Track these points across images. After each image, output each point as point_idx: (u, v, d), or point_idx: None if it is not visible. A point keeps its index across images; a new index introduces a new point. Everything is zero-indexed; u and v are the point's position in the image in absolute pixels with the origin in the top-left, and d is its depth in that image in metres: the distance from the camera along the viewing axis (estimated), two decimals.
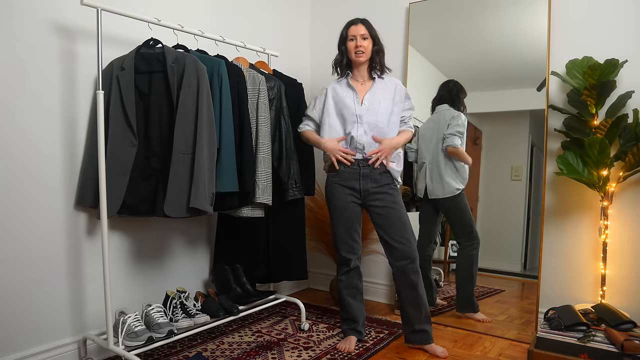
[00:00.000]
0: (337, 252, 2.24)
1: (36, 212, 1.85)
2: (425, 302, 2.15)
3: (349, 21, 2.18)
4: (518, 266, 2.56)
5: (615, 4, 2.23)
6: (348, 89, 2.20)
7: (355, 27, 2.13)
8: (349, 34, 2.15)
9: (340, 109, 2.18)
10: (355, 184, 2.14)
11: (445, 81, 2.68)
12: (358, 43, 2.12)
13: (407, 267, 2.10)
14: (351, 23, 2.16)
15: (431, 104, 2.71)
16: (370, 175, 2.13)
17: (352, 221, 2.19)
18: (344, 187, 2.16)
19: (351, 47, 2.14)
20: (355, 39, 2.13)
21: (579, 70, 2.21)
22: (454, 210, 2.60)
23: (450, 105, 2.62)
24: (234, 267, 2.41)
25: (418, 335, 2.16)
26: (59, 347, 1.92)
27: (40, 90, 1.85)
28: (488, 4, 2.57)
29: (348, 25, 2.17)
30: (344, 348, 2.16)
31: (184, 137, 1.91)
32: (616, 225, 2.23)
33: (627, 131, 2.09)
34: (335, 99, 2.20)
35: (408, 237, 2.12)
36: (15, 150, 1.78)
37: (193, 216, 2.03)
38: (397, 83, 2.25)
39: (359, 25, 2.14)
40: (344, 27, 2.19)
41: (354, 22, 2.16)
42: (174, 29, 2.06)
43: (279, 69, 2.71)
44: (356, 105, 2.15)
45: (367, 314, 2.67)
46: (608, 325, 1.98)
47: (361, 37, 2.12)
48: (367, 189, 2.14)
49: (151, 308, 1.99)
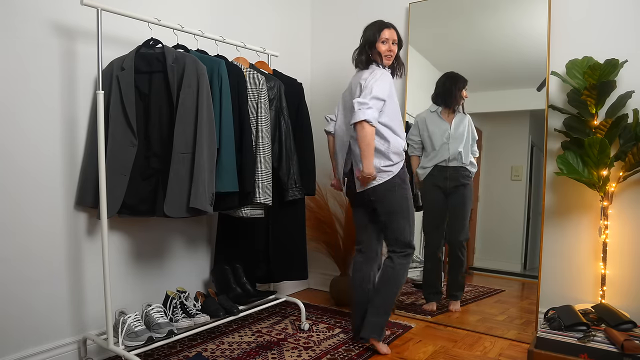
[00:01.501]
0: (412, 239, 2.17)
1: (36, 212, 1.85)
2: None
3: (381, 23, 2.17)
4: (518, 266, 2.56)
5: (615, 4, 2.23)
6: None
7: (389, 31, 2.15)
8: (382, 36, 2.14)
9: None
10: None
11: (443, 74, 2.68)
12: (390, 47, 2.15)
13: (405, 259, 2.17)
14: (384, 26, 2.16)
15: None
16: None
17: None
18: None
19: (384, 49, 2.15)
20: (387, 42, 2.15)
21: (579, 70, 2.21)
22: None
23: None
24: (234, 267, 2.41)
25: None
26: (59, 347, 1.92)
27: (40, 90, 1.85)
28: (488, 4, 2.57)
29: (381, 27, 2.15)
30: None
31: (184, 137, 1.91)
32: (616, 225, 2.23)
33: (627, 131, 2.09)
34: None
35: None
36: (15, 150, 1.78)
37: (193, 216, 2.03)
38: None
39: (392, 30, 2.16)
40: (374, 29, 2.16)
41: (387, 26, 2.16)
42: (174, 29, 2.06)
43: (279, 69, 2.72)
44: None
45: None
46: (608, 325, 1.98)
47: (392, 41, 2.16)
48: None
49: (151, 308, 1.99)
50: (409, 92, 2.82)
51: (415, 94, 2.82)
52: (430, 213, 2.72)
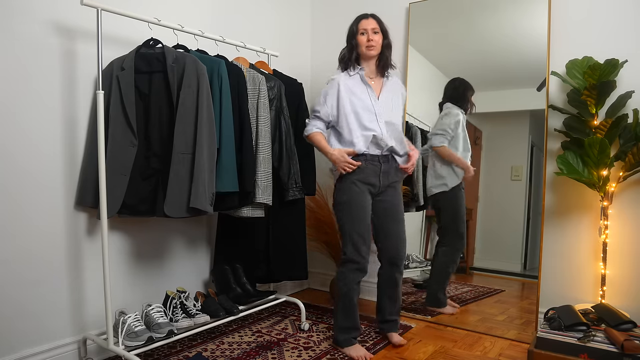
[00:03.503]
0: (355, 250, 2.10)
1: (36, 212, 1.85)
2: (400, 297, 2.29)
3: (359, 15, 2.16)
4: (518, 266, 2.56)
5: (616, 4, 2.23)
6: (362, 84, 2.14)
7: (366, 21, 2.11)
8: (359, 27, 2.11)
9: (355, 105, 2.11)
10: (376, 180, 2.14)
11: (452, 79, 2.67)
12: (370, 37, 2.09)
13: (394, 268, 2.20)
14: (362, 17, 2.14)
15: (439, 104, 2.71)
16: (388, 171, 2.16)
17: (369, 218, 2.16)
18: (364, 183, 2.12)
19: (362, 41, 2.11)
20: (366, 33, 2.10)
21: (579, 70, 2.21)
22: (443, 208, 2.64)
23: (455, 104, 2.62)
24: (234, 267, 2.41)
25: (388, 324, 2.29)
26: (59, 347, 1.92)
27: (40, 90, 1.85)
28: (488, 4, 2.57)
29: (358, 20, 2.14)
30: (361, 356, 2.08)
31: (184, 137, 1.91)
32: (616, 225, 2.23)
33: (627, 131, 2.09)
34: (349, 94, 2.12)
35: (402, 236, 2.20)
36: (15, 150, 1.78)
37: (193, 216, 2.03)
38: (400, 82, 2.29)
39: (369, 19, 2.12)
40: (353, 22, 2.16)
41: (365, 16, 2.14)
42: (174, 29, 2.06)
43: (279, 69, 2.71)
44: (373, 101, 2.13)
45: (367, 313, 2.67)
46: (608, 325, 1.98)
47: (372, 30, 2.10)
48: (385, 184, 2.17)
49: (151, 308, 1.99)
50: (409, 92, 2.81)
51: (416, 94, 2.82)
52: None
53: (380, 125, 2.11)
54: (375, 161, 2.12)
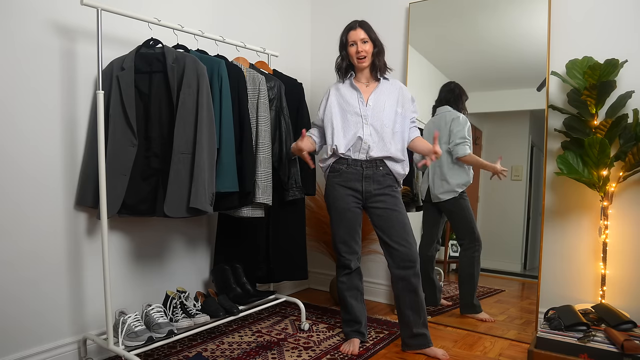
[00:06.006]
0: (338, 253, 2.22)
1: (36, 213, 1.85)
2: (424, 305, 2.13)
3: (348, 26, 2.15)
4: (518, 266, 2.56)
5: (616, 5, 2.23)
6: (352, 89, 2.18)
7: (354, 32, 2.11)
8: (349, 39, 2.13)
9: (344, 110, 2.15)
10: (358, 185, 2.13)
11: (447, 82, 2.67)
12: (359, 48, 2.10)
13: (409, 271, 2.08)
14: (350, 28, 2.14)
15: (432, 107, 2.70)
16: (373, 176, 2.12)
17: (354, 223, 2.17)
18: (345, 187, 2.14)
19: (352, 52, 2.12)
20: (355, 44, 2.11)
21: (579, 70, 2.21)
22: (456, 212, 2.60)
23: (452, 107, 2.62)
24: (234, 267, 2.41)
25: (417, 339, 2.13)
26: (59, 347, 1.92)
27: (40, 90, 1.85)
28: (488, 4, 2.57)
29: (347, 31, 2.14)
30: (348, 350, 2.15)
31: (184, 137, 1.91)
32: (616, 225, 2.23)
33: (627, 131, 2.09)
34: (338, 99, 2.18)
35: (409, 239, 2.09)
36: (15, 150, 1.78)
37: (193, 216, 2.03)
38: (402, 86, 2.24)
39: (357, 30, 2.11)
40: (342, 32, 2.16)
41: (353, 27, 2.13)
42: (174, 29, 2.06)
43: (279, 69, 2.72)
44: (361, 105, 2.14)
45: (367, 314, 2.66)
46: (608, 325, 1.98)
47: (361, 41, 2.10)
48: (370, 190, 2.13)
49: (151, 308, 1.99)
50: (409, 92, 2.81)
51: (416, 94, 2.82)
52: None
53: (366, 129, 2.10)
54: (358, 166, 2.12)
